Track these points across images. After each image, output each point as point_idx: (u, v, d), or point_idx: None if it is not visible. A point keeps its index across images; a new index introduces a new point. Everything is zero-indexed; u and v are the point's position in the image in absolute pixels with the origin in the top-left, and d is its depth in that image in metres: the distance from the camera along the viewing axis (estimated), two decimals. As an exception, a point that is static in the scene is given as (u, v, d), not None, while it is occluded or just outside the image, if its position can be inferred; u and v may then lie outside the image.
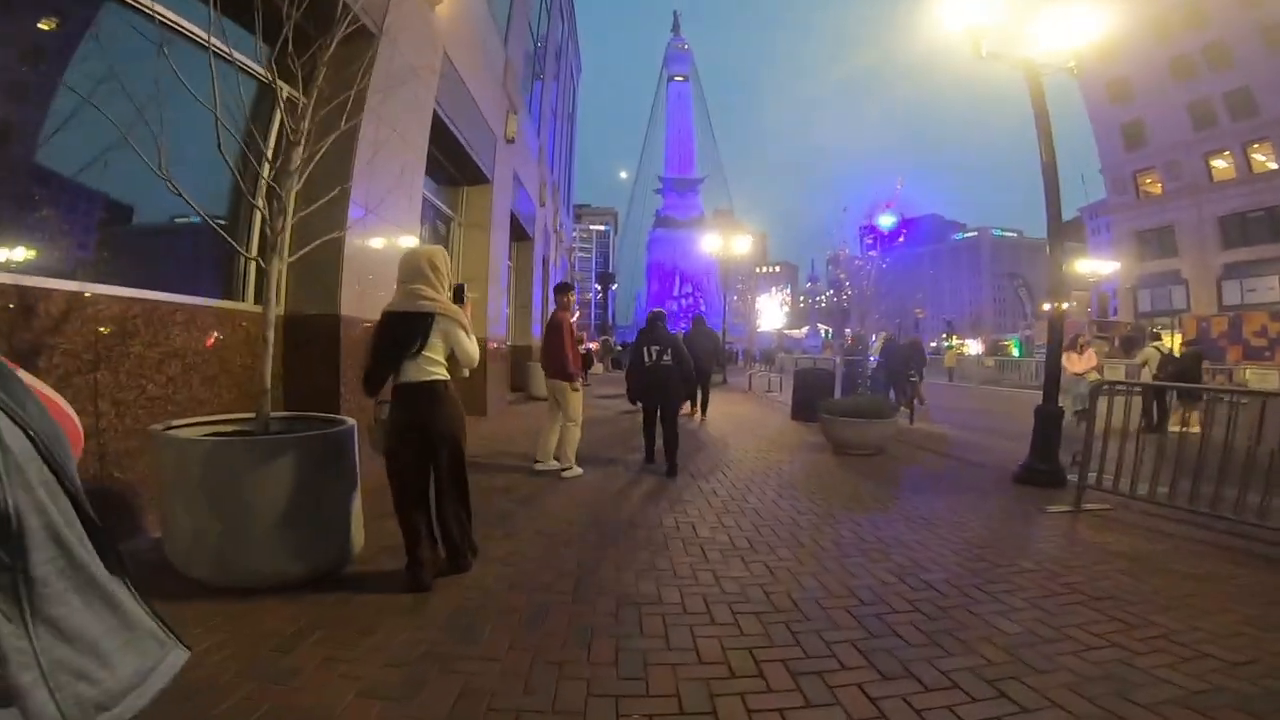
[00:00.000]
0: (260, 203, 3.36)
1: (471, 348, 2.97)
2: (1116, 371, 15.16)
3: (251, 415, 3.14)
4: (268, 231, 3.12)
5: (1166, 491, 4.37)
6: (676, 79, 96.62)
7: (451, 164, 9.31)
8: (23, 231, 3.17)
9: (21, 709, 0.58)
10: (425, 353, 2.84)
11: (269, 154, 3.51)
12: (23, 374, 0.72)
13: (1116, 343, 21.07)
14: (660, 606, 2.82)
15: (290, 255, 3.25)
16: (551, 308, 6.61)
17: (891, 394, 10.59)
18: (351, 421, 3.26)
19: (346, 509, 3.07)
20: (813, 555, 3.58)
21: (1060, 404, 5.75)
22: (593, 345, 18.17)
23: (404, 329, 2.85)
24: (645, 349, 6.01)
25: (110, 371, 3.29)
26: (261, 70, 3.82)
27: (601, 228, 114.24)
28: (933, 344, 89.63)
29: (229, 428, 3.16)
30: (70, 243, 3.46)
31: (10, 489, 0.60)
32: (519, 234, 14.20)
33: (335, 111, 3.42)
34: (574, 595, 2.93)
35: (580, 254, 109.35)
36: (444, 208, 9.50)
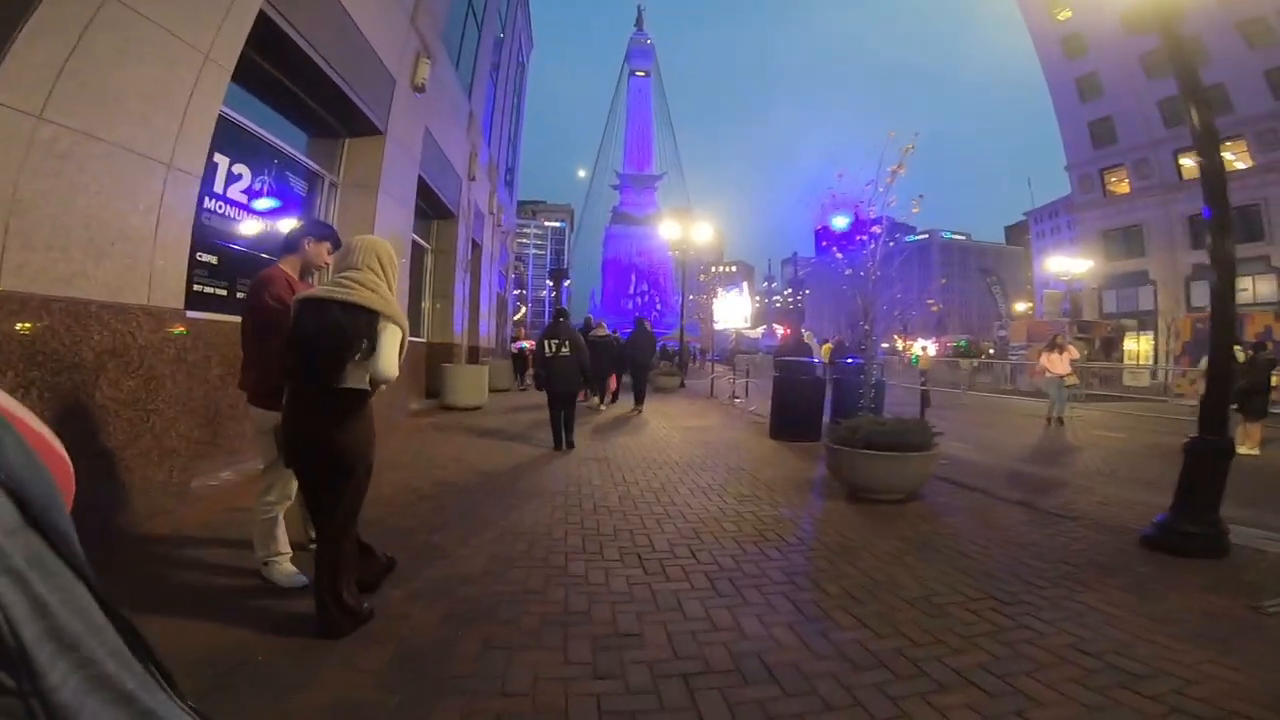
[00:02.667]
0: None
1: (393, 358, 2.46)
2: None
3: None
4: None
5: None
6: (638, 74, 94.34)
7: (319, 104, 6.89)
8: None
9: None
10: (359, 359, 2.37)
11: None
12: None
13: (1097, 344, 19.92)
14: None
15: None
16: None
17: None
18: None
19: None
20: None
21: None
22: (528, 344, 15.81)
23: (345, 321, 2.36)
24: (547, 342, 6.94)
25: None
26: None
27: (557, 224, 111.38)
28: (884, 345, 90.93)
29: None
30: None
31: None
32: (438, 210, 11.75)
33: None
34: None
35: (534, 251, 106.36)
36: (306, 160, 7.03)
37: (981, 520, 4.50)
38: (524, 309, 59.35)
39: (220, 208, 5.50)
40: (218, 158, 5.41)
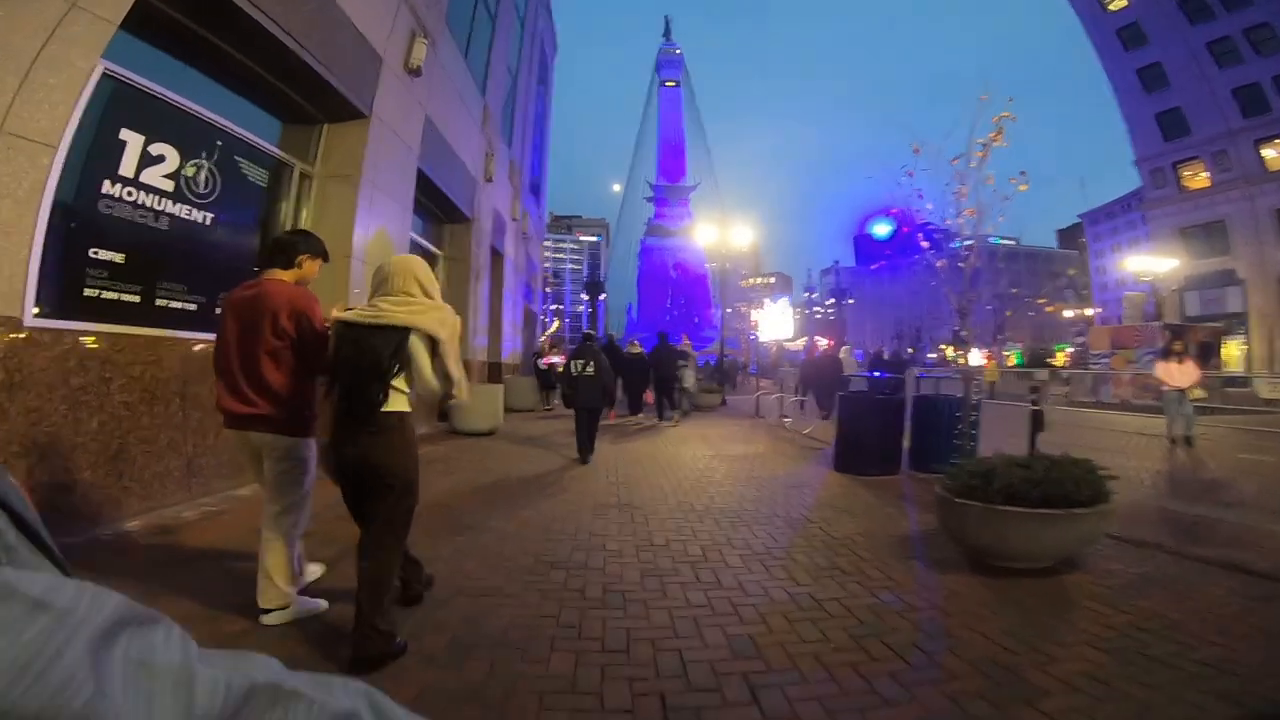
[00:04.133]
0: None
1: (455, 368, 2.50)
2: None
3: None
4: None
5: None
6: (668, 84, 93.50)
7: (280, 79, 5.82)
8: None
9: None
10: (400, 380, 2.42)
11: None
12: None
13: (1193, 350, 17.58)
14: None
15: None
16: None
17: None
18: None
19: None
20: None
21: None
22: (559, 358, 14.53)
23: (383, 345, 2.39)
24: (573, 363, 7.39)
25: None
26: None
27: (593, 238, 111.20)
28: (932, 356, 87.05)
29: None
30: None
31: None
32: (449, 212, 10.63)
33: None
34: None
35: (571, 265, 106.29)
36: (263, 144, 5.87)
37: (1186, 598, 2.99)
38: (557, 323, 58.65)
39: (130, 195, 4.33)
40: (125, 134, 4.29)
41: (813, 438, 9.21)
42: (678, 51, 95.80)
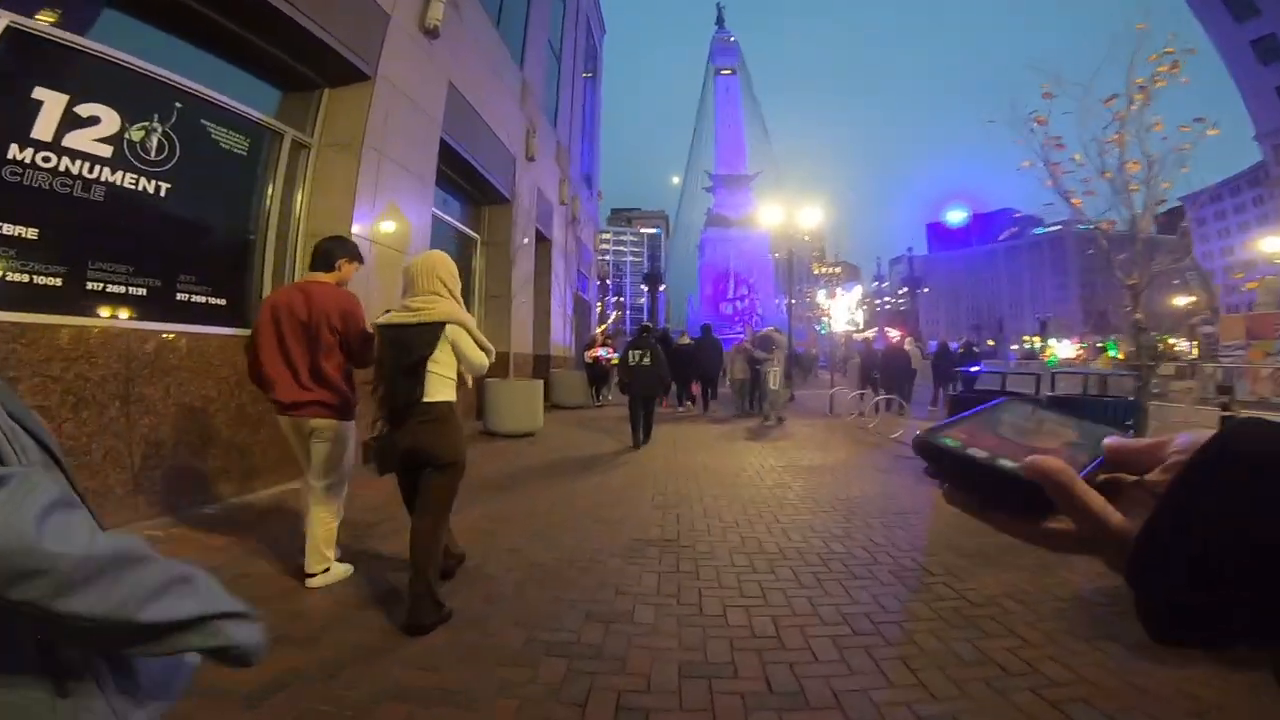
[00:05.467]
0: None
1: (476, 353, 2.75)
2: None
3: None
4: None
5: None
6: (723, 73, 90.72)
7: (257, 34, 4.96)
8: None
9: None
10: (438, 370, 2.66)
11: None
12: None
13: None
14: None
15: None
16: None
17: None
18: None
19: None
20: None
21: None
22: (608, 351, 13.46)
23: (414, 343, 2.65)
24: (630, 353, 7.85)
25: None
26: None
27: (653, 231, 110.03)
28: (1014, 348, 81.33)
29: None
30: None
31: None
32: (485, 192, 9.72)
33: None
34: None
35: (631, 258, 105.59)
36: (242, 108, 4.98)
37: None
38: (617, 314, 57.64)
39: (48, 161, 3.48)
40: (40, 92, 3.44)
41: (903, 444, 7.75)
42: (732, 39, 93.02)
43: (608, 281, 52.52)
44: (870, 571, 3.33)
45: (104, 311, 3.82)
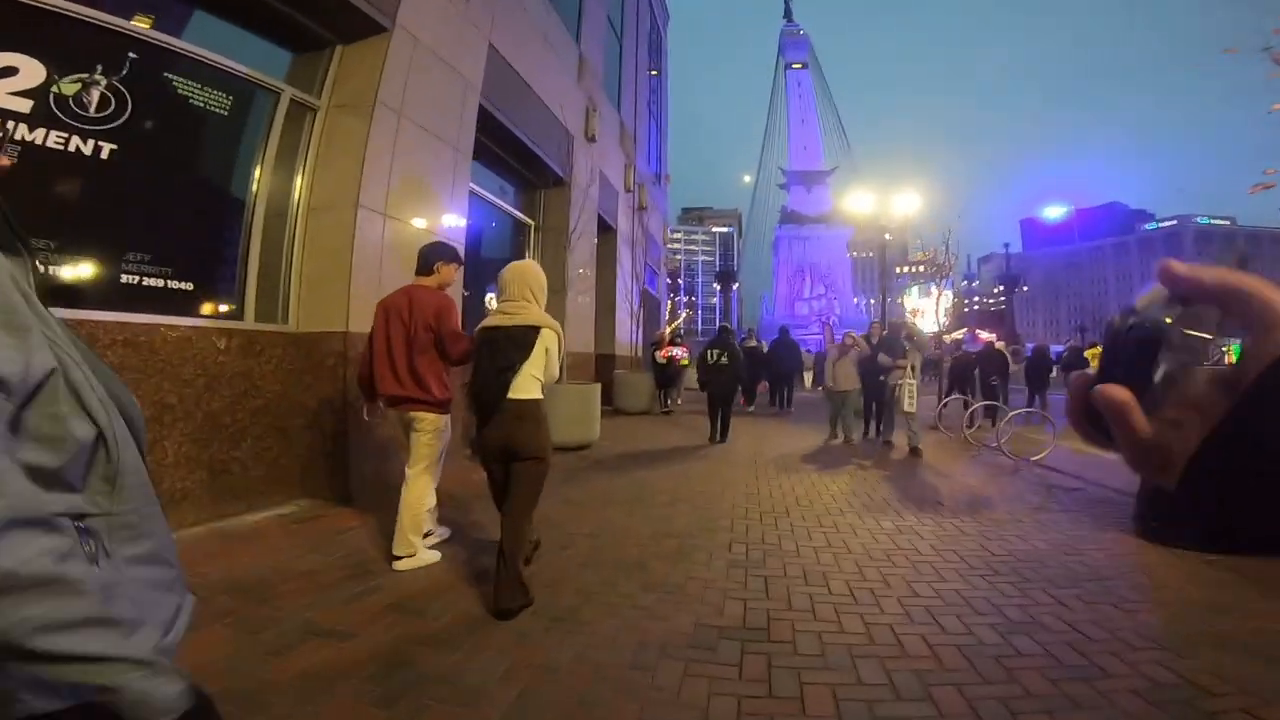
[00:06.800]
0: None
1: (555, 366, 2.93)
2: None
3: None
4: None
5: None
6: (794, 66, 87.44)
7: None
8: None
9: (123, 633, 0.59)
10: (529, 370, 2.81)
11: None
12: None
13: None
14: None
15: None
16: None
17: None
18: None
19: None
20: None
21: None
22: (679, 352, 12.21)
23: (508, 344, 2.82)
24: (709, 352, 8.04)
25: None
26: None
27: (725, 229, 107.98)
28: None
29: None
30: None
31: (121, 449, 0.65)
32: (538, 172, 8.73)
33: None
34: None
35: (703, 258, 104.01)
36: (235, 66, 4.10)
37: None
38: (688, 313, 55.82)
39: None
40: None
41: (1047, 466, 6.13)
42: (801, 32, 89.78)
43: (678, 280, 51.18)
44: (1100, 693, 1.97)
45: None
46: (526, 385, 2.78)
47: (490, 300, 7.53)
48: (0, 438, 0.52)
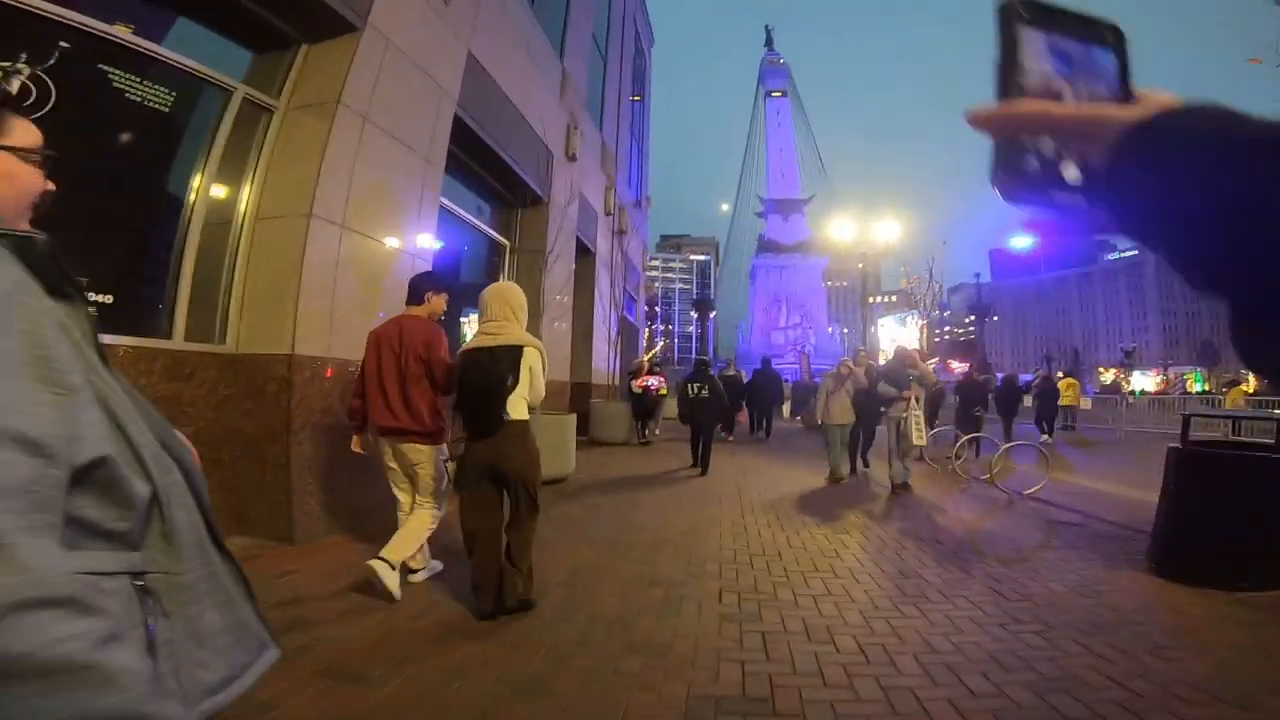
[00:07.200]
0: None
1: (540, 384, 2.94)
2: None
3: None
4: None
5: None
6: (774, 95, 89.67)
7: None
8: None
9: (153, 687, 0.58)
10: (518, 390, 2.84)
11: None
12: None
13: None
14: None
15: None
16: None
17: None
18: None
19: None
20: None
21: None
22: (656, 382, 11.85)
23: (495, 365, 2.84)
24: (690, 385, 8.32)
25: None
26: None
27: (702, 257, 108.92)
28: (1107, 378, 75.34)
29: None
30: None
31: (173, 509, 0.66)
32: (516, 191, 8.44)
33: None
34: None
35: (680, 285, 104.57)
36: (183, 60, 3.76)
37: None
38: (665, 342, 55.60)
39: None
40: None
41: (1041, 500, 5.90)
42: (781, 61, 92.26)
43: (655, 308, 51.11)
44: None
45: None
46: (515, 405, 2.82)
47: (465, 325, 7.15)
48: (34, 504, 0.49)
